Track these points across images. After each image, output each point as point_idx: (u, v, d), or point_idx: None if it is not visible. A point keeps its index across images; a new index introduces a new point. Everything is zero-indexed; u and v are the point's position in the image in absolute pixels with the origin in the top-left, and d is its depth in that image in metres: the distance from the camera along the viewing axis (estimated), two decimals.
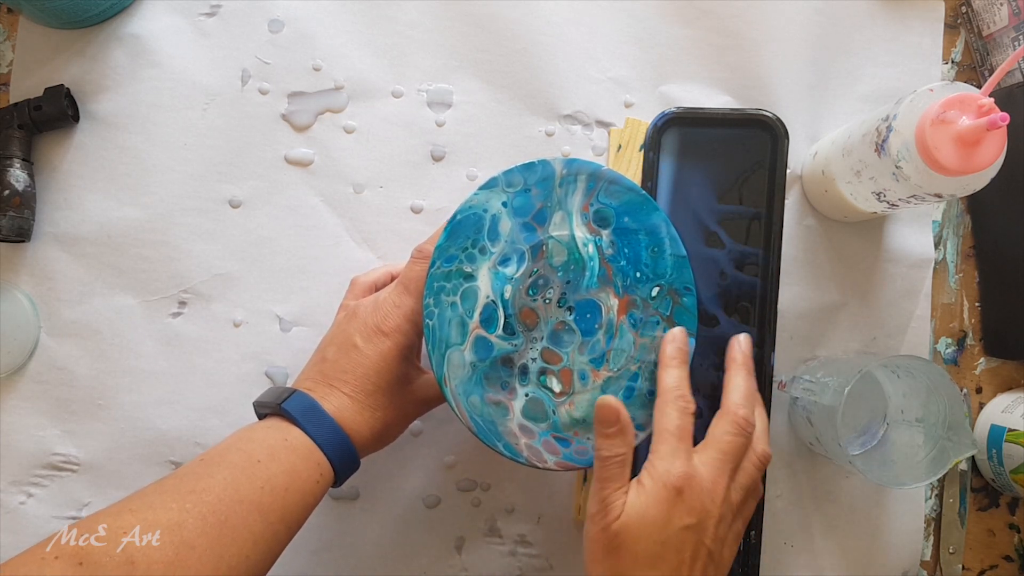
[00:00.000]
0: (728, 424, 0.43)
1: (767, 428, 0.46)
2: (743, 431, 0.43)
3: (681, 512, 0.41)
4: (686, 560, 0.41)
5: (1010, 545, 0.57)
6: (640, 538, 0.40)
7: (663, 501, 0.40)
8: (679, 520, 0.40)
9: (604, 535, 0.41)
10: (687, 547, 0.41)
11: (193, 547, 0.36)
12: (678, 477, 0.41)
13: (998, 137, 0.41)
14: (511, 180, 0.45)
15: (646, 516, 0.40)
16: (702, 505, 0.41)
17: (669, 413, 0.43)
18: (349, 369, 0.45)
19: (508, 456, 0.45)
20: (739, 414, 0.43)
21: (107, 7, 0.55)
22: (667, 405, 0.43)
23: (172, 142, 0.56)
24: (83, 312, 0.56)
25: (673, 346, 0.46)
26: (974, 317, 0.58)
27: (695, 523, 0.41)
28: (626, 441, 0.42)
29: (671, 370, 0.45)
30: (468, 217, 0.45)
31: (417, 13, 0.57)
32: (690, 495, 0.41)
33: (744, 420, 0.43)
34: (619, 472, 0.42)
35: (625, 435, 0.42)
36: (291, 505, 0.41)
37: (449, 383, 0.44)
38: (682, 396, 0.44)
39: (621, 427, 0.42)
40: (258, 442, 0.42)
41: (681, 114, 0.55)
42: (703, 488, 0.41)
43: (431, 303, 0.44)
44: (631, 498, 0.41)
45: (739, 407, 0.44)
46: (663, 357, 0.46)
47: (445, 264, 0.44)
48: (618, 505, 0.41)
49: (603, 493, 0.41)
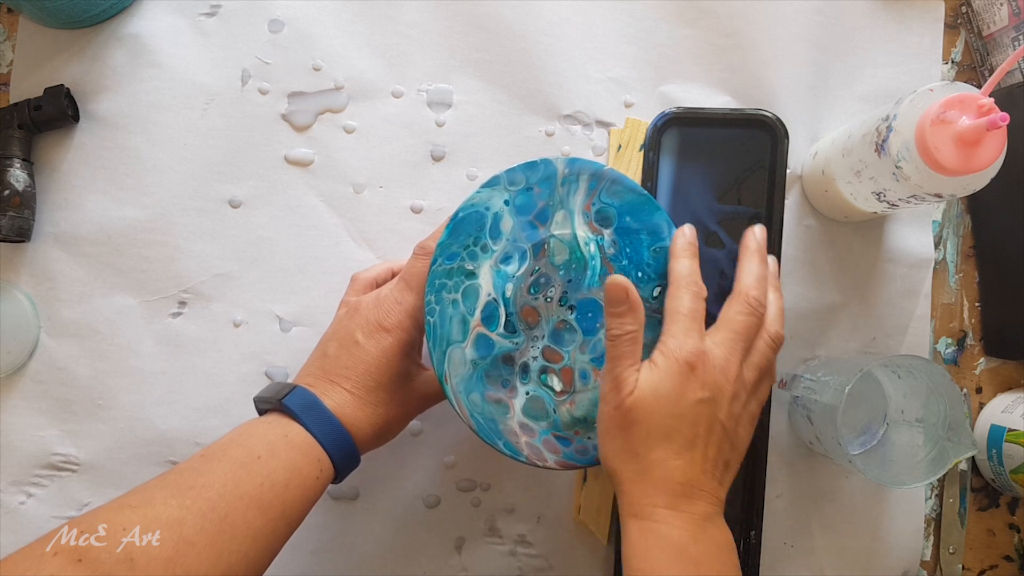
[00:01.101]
0: (739, 305, 0.44)
1: (781, 311, 0.46)
2: (754, 311, 0.44)
3: (694, 387, 0.41)
4: (701, 433, 0.41)
5: (1010, 545, 0.57)
6: (653, 412, 0.40)
7: (676, 375, 0.41)
8: (692, 394, 0.41)
9: (617, 412, 0.41)
10: (701, 420, 0.41)
11: (192, 544, 0.36)
12: (691, 353, 0.41)
13: (998, 137, 0.41)
14: (513, 179, 0.45)
15: (659, 390, 0.41)
16: (715, 381, 0.41)
17: (681, 297, 0.43)
18: (350, 365, 0.45)
19: (508, 454, 0.45)
20: (750, 295, 0.44)
21: (107, 7, 0.55)
22: (679, 290, 0.44)
23: (172, 142, 0.56)
24: (83, 312, 0.56)
25: (683, 239, 0.46)
26: (974, 317, 0.58)
27: (709, 397, 0.41)
28: (636, 318, 0.42)
29: (682, 260, 0.45)
30: (470, 215, 0.45)
31: (417, 13, 0.57)
32: (703, 371, 0.41)
33: (755, 300, 0.44)
34: (630, 349, 0.42)
35: (635, 312, 0.42)
36: (291, 501, 0.41)
37: (450, 380, 0.44)
38: (694, 282, 0.44)
39: (630, 304, 0.42)
40: (258, 438, 0.42)
41: (681, 114, 0.55)
42: (716, 365, 0.41)
43: (432, 300, 0.44)
44: (644, 374, 0.41)
45: (750, 288, 0.44)
46: (674, 249, 0.46)
47: (447, 261, 0.44)
48: (631, 381, 0.41)
49: (616, 371, 0.41)
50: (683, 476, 0.40)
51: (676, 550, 0.39)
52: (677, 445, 0.40)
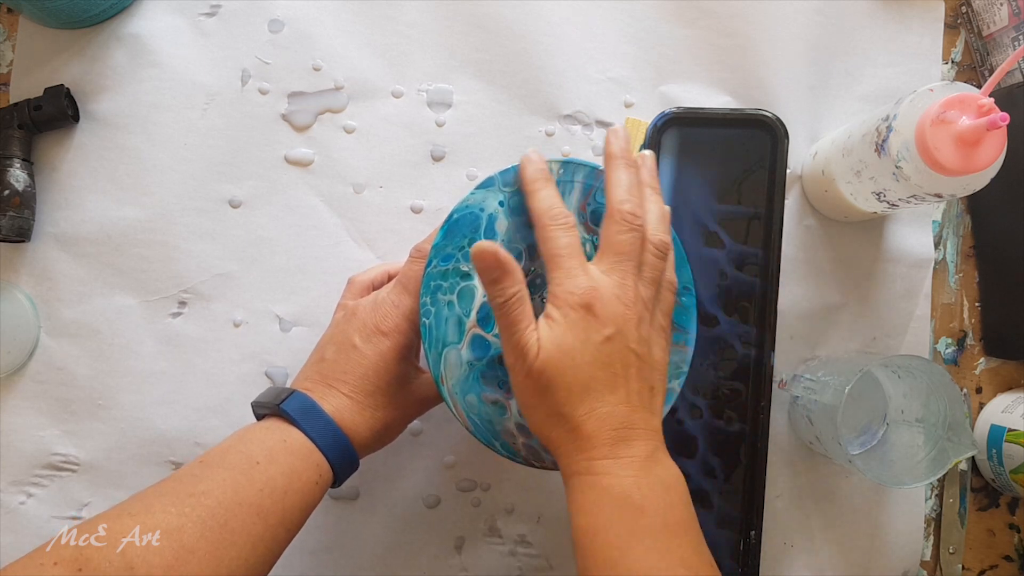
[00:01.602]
0: (616, 224, 0.41)
1: (662, 215, 0.43)
2: (632, 226, 0.41)
3: (597, 326, 0.39)
4: (618, 371, 0.39)
5: (1010, 545, 0.57)
6: (565, 367, 0.39)
7: (576, 323, 0.39)
8: (597, 335, 0.39)
9: (529, 379, 0.39)
10: (615, 358, 0.39)
11: (192, 551, 0.36)
12: (583, 293, 0.39)
13: (998, 137, 0.41)
14: (508, 179, 0.45)
15: (563, 344, 0.39)
16: (615, 313, 0.39)
17: (552, 236, 0.41)
18: (348, 369, 0.45)
19: (505, 455, 0.45)
20: (624, 209, 0.41)
21: (107, 7, 0.55)
22: (546, 229, 0.41)
23: (172, 142, 0.56)
24: (83, 312, 0.56)
25: (532, 168, 0.43)
26: (974, 317, 0.58)
27: (614, 332, 0.39)
28: (515, 279, 0.40)
29: (538, 193, 0.42)
30: (465, 216, 0.45)
31: (417, 13, 0.57)
32: (600, 307, 0.39)
33: (629, 215, 0.41)
34: (520, 311, 0.40)
35: (511, 273, 0.40)
36: (290, 507, 0.41)
37: (446, 382, 0.44)
38: (557, 214, 0.41)
39: (503, 268, 0.39)
40: (257, 443, 0.42)
41: (681, 114, 0.55)
42: (611, 295, 0.39)
43: (428, 302, 0.44)
44: (544, 332, 0.39)
45: (623, 202, 0.41)
46: (524, 184, 0.43)
47: (442, 263, 0.44)
48: (532, 343, 0.39)
49: (514, 339, 0.39)
50: (614, 420, 0.39)
51: (619, 499, 0.38)
52: (599, 391, 0.39)
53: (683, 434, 0.54)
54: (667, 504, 0.38)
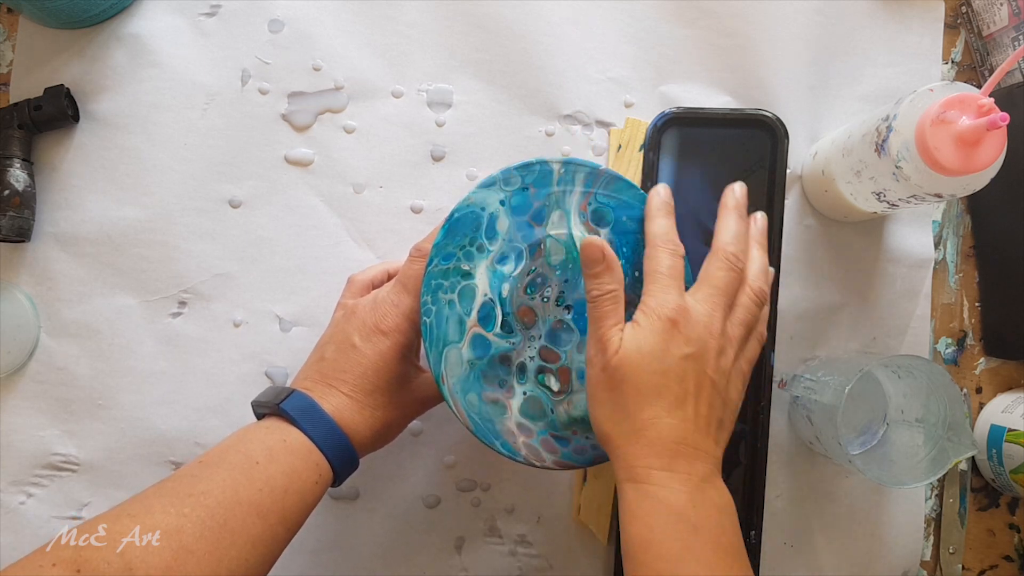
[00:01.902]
0: (718, 261, 0.43)
1: (765, 268, 0.45)
2: (732, 266, 0.43)
3: (679, 342, 0.40)
4: (690, 390, 0.40)
5: (1010, 545, 0.57)
6: (640, 369, 0.40)
7: (659, 332, 0.40)
8: (677, 350, 0.40)
9: (604, 373, 0.41)
10: (689, 376, 0.40)
11: (192, 551, 0.36)
12: (672, 309, 0.41)
13: (998, 137, 0.41)
14: (509, 179, 0.45)
15: (643, 347, 0.40)
16: (699, 335, 0.41)
17: (659, 256, 0.43)
18: (348, 368, 0.45)
19: (506, 455, 0.45)
20: (728, 250, 0.44)
21: (107, 7, 0.55)
22: (656, 250, 0.43)
23: (172, 142, 0.56)
24: (83, 312, 0.56)
25: (659, 199, 0.46)
26: (974, 317, 0.58)
27: (694, 352, 0.40)
28: (615, 277, 0.42)
29: (658, 220, 0.45)
30: (466, 215, 0.45)
31: (417, 13, 0.57)
32: (686, 326, 0.41)
33: (733, 256, 0.43)
34: (612, 309, 0.42)
35: (613, 271, 0.42)
36: (290, 506, 0.41)
37: (447, 381, 0.44)
38: (671, 240, 0.44)
39: (607, 263, 0.42)
40: (257, 443, 0.42)
41: (681, 114, 0.55)
42: (699, 320, 0.41)
43: (428, 301, 0.44)
44: (627, 333, 0.41)
45: (728, 244, 0.44)
46: (649, 210, 0.46)
47: (443, 262, 0.44)
48: (615, 341, 0.41)
49: (599, 332, 0.41)
50: (676, 434, 0.40)
51: (675, 514, 0.38)
52: (667, 402, 0.40)
53: None
54: (720, 526, 0.39)
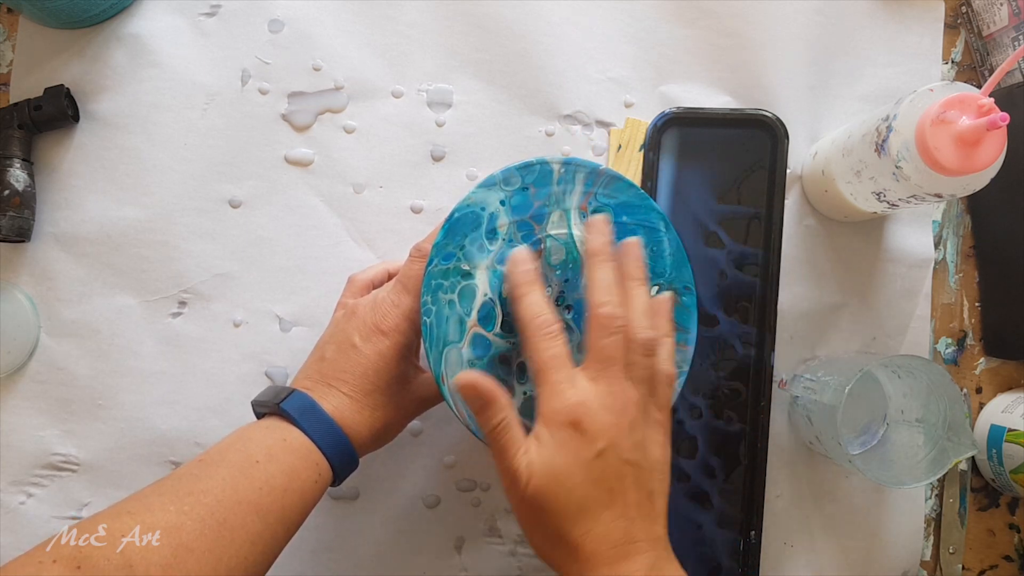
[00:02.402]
0: (596, 328, 0.40)
1: (645, 310, 0.41)
2: (613, 328, 0.40)
3: (586, 443, 0.38)
4: (614, 486, 0.38)
5: (1010, 545, 0.57)
6: (558, 491, 0.38)
7: (564, 443, 0.38)
8: (588, 452, 0.38)
9: (523, 503, 0.39)
10: (608, 473, 0.38)
11: (191, 549, 0.36)
12: (570, 411, 0.38)
13: (998, 137, 0.41)
14: (509, 178, 0.45)
15: (554, 467, 0.38)
16: (603, 425, 0.38)
17: (537, 347, 0.40)
18: (348, 368, 0.45)
19: None
20: (602, 312, 0.40)
21: (107, 7, 0.55)
22: (532, 339, 0.40)
23: (172, 142, 0.56)
24: (83, 312, 0.56)
25: (518, 270, 0.42)
26: (974, 317, 0.58)
27: (605, 446, 0.38)
28: (499, 407, 0.40)
29: (524, 299, 0.41)
30: (466, 215, 0.45)
31: (417, 13, 0.57)
32: (588, 421, 0.38)
33: (609, 317, 0.40)
34: (509, 438, 0.39)
35: (494, 401, 0.39)
36: (290, 506, 0.41)
37: (447, 381, 0.44)
38: (543, 323, 0.40)
39: (485, 396, 0.39)
40: (256, 442, 0.42)
41: (681, 114, 0.55)
42: (599, 405, 0.38)
43: (428, 301, 0.44)
44: (533, 456, 0.39)
45: (601, 305, 0.40)
46: (511, 287, 0.42)
47: (443, 262, 0.44)
48: (523, 469, 0.38)
49: (504, 464, 0.39)
50: (612, 537, 0.38)
51: None
52: (594, 511, 0.38)
53: (683, 434, 0.54)
54: None
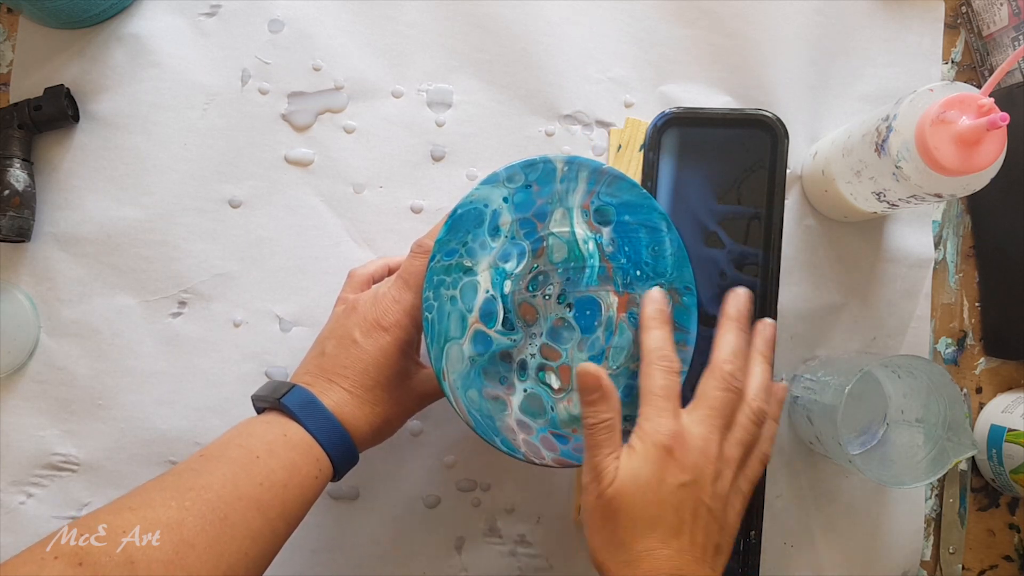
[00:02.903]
0: (715, 380, 0.43)
1: (764, 385, 0.44)
2: (730, 386, 0.42)
3: (675, 470, 0.40)
4: (686, 519, 0.40)
5: (1010, 545, 0.57)
6: (636, 500, 0.39)
7: (654, 461, 0.40)
8: (673, 478, 0.40)
9: (600, 502, 0.40)
10: (686, 505, 0.40)
11: (193, 545, 0.36)
12: (667, 436, 0.40)
13: (998, 137, 0.41)
14: (512, 176, 0.45)
15: (639, 478, 0.40)
16: (695, 462, 0.40)
17: (653, 375, 0.42)
18: (348, 364, 0.45)
19: (505, 451, 0.45)
20: (725, 369, 0.43)
21: (107, 7, 0.55)
22: (650, 367, 0.43)
23: (172, 142, 0.56)
24: (83, 312, 0.56)
25: (653, 307, 0.45)
26: (974, 317, 0.58)
27: (690, 480, 0.40)
28: (610, 406, 0.42)
29: (652, 331, 0.44)
30: (469, 212, 0.45)
31: (417, 13, 0.57)
32: (681, 453, 0.40)
33: (730, 375, 0.43)
34: (607, 437, 0.41)
35: (608, 400, 0.42)
36: (290, 501, 0.41)
37: (447, 377, 0.44)
38: (665, 356, 0.43)
39: (603, 392, 0.41)
40: (257, 437, 0.42)
41: (681, 114, 0.55)
42: (694, 445, 0.41)
43: (430, 296, 0.44)
44: (623, 462, 0.40)
45: (725, 362, 0.43)
46: (643, 319, 0.45)
47: (445, 258, 0.44)
48: (611, 470, 0.40)
49: (594, 460, 0.41)
50: (672, 566, 0.39)
51: None
52: (663, 533, 0.39)
53: None
54: None
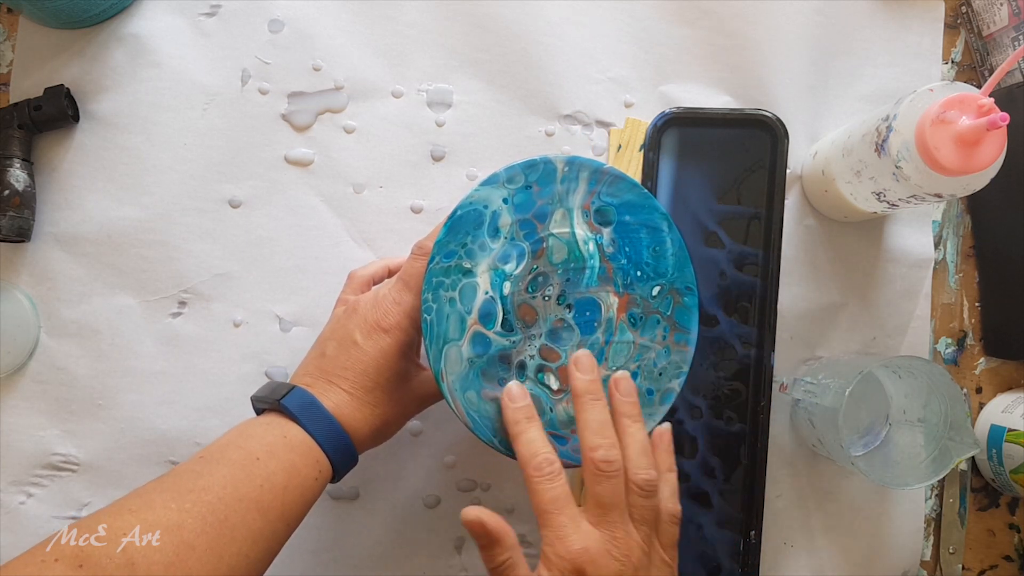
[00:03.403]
0: (590, 474, 0.40)
1: (642, 450, 0.41)
2: (607, 474, 0.40)
3: None
4: None
5: (1010, 545, 0.57)
6: None
7: None
8: None
9: None
10: None
11: (193, 547, 0.36)
12: (574, 557, 0.38)
13: (998, 137, 0.41)
14: (512, 176, 0.45)
15: None
16: (609, 572, 0.38)
17: (538, 490, 0.40)
18: (348, 366, 0.45)
19: (504, 453, 0.45)
20: (595, 458, 0.40)
21: (107, 7, 0.55)
22: (531, 481, 0.40)
23: (172, 142, 0.56)
24: (83, 312, 0.56)
25: (512, 408, 0.42)
26: (974, 317, 0.58)
27: None
28: (504, 546, 0.40)
29: (521, 436, 0.41)
30: (468, 213, 0.45)
31: (417, 13, 0.57)
32: (592, 569, 0.38)
33: (603, 463, 0.40)
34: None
35: (500, 541, 0.39)
36: (290, 503, 0.41)
37: (446, 378, 0.44)
38: (541, 463, 0.40)
39: (489, 536, 0.39)
40: (257, 439, 0.42)
41: (681, 114, 0.55)
42: (602, 551, 0.38)
43: (429, 298, 0.44)
44: None
45: (592, 449, 0.40)
46: (507, 425, 0.42)
47: (444, 259, 0.44)
48: None
49: None
50: None
51: None
52: None
53: (683, 434, 0.54)
54: None
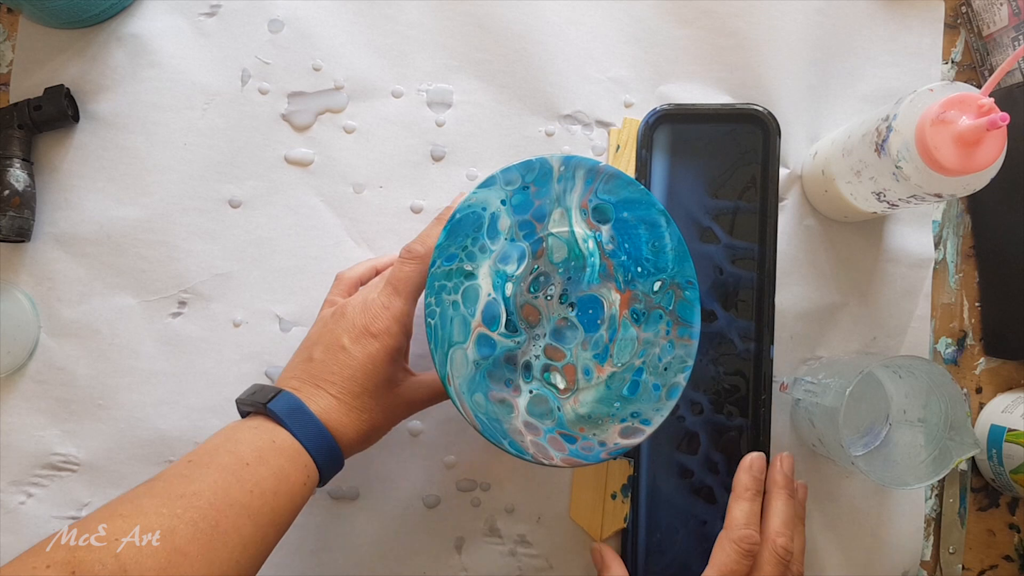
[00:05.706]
0: (768, 553, 0.46)
1: (789, 520, 0.47)
2: (781, 559, 0.46)
3: None
4: None
5: (1010, 545, 0.57)
6: None
7: None
8: None
9: None
10: None
11: (185, 553, 0.36)
12: None
13: (998, 137, 0.41)
14: (509, 178, 0.45)
15: None
16: None
17: (726, 549, 0.45)
18: (336, 370, 0.45)
19: (514, 454, 0.45)
20: (778, 543, 0.46)
21: (107, 7, 0.55)
22: (726, 540, 0.46)
23: (172, 142, 0.56)
24: (83, 312, 0.56)
25: (748, 475, 0.47)
26: (974, 317, 0.58)
27: None
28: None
29: (741, 503, 0.47)
30: (467, 216, 0.45)
31: (417, 13, 0.57)
32: None
33: (783, 549, 0.46)
34: None
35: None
36: (280, 508, 0.41)
37: (453, 382, 0.44)
38: (746, 537, 0.45)
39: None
40: (246, 443, 0.42)
41: (672, 110, 0.55)
42: None
43: (433, 302, 0.44)
44: None
45: (778, 535, 0.46)
46: (736, 486, 0.48)
47: (445, 263, 0.44)
48: None
49: None
50: None
51: None
52: None
53: (685, 430, 0.54)
54: None
